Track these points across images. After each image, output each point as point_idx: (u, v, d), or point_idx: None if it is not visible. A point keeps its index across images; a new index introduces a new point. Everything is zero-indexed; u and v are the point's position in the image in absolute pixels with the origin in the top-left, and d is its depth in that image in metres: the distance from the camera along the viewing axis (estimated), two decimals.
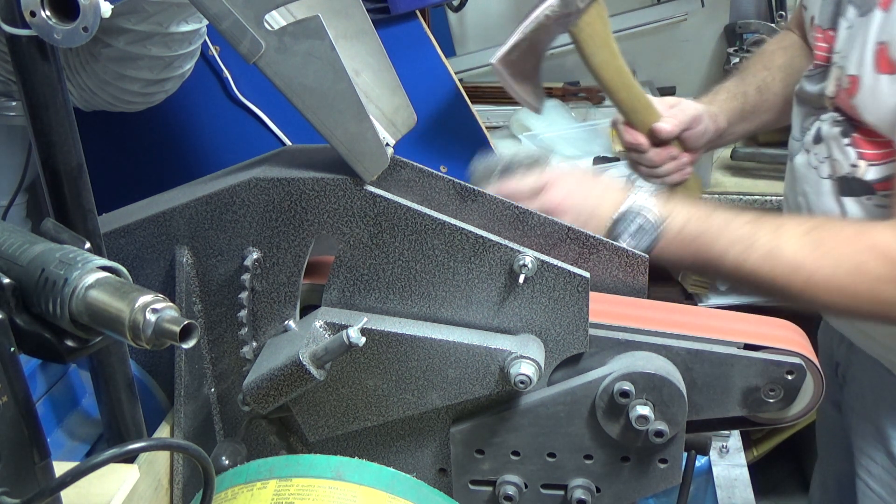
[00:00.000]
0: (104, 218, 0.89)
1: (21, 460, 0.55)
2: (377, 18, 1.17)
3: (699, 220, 0.97)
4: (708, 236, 0.96)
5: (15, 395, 0.54)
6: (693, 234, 0.97)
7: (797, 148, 1.16)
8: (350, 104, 0.79)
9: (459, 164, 1.36)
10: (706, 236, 0.96)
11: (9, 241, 0.57)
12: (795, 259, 0.94)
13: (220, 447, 0.90)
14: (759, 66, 1.35)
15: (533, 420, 0.87)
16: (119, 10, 0.90)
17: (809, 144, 1.12)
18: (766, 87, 1.31)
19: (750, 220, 0.97)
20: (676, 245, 0.97)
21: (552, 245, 0.96)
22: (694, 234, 0.97)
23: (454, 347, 0.84)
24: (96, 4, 0.66)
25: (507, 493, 0.88)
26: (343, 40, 0.86)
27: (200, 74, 1.27)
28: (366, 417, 0.88)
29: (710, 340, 0.88)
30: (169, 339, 0.52)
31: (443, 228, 0.83)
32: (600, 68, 1.21)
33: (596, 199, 1.00)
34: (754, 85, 1.32)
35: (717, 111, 1.29)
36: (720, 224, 0.97)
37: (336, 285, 0.86)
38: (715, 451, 1.70)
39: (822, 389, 0.89)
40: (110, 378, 0.81)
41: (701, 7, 2.19)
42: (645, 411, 0.83)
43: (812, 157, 1.12)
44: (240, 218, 0.85)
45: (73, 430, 0.89)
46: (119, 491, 0.74)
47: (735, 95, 1.32)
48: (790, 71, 1.29)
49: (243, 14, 0.75)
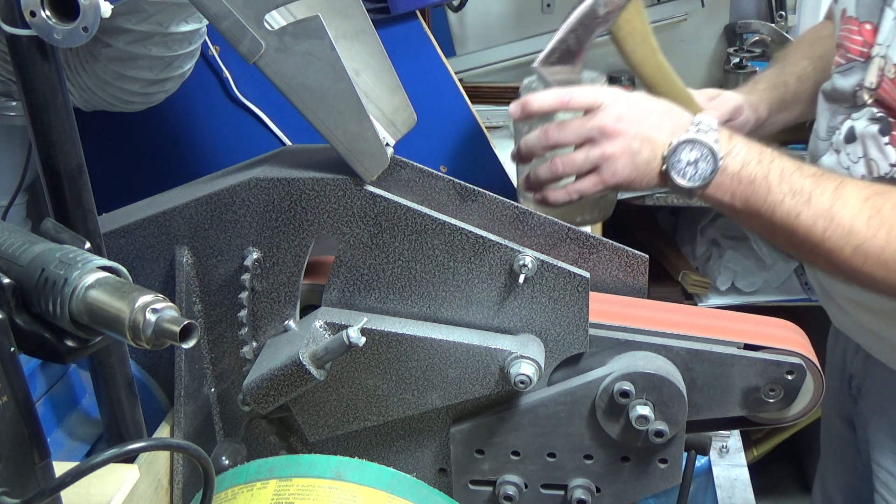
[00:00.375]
0: (104, 218, 0.89)
1: (21, 460, 0.55)
2: (377, 18, 1.17)
3: (760, 164, 0.92)
4: (766, 182, 0.91)
5: (15, 395, 0.54)
6: (750, 177, 0.92)
7: (824, 148, 1.12)
8: (350, 104, 0.79)
9: (459, 164, 1.36)
10: (764, 182, 0.91)
11: (9, 241, 0.57)
12: (851, 223, 0.89)
13: (220, 447, 0.90)
14: (799, 55, 1.31)
15: (533, 420, 0.87)
16: (119, 10, 0.90)
17: (840, 144, 1.08)
18: (807, 77, 1.27)
19: (812, 175, 0.92)
20: (731, 184, 0.92)
21: (552, 245, 0.97)
22: (751, 177, 0.92)
23: (454, 347, 0.84)
24: (96, 4, 0.66)
25: (507, 493, 0.88)
26: (343, 40, 0.86)
27: (200, 74, 1.27)
28: (366, 417, 0.88)
29: (710, 340, 0.88)
30: (169, 339, 0.52)
31: (443, 228, 0.83)
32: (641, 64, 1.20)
33: (653, 124, 0.94)
34: (794, 74, 1.28)
35: (757, 101, 1.26)
36: (781, 171, 0.91)
37: (336, 285, 0.86)
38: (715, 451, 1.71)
39: (822, 389, 0.89)
40: (110, 378, 0.81)
41: (701, 7, 2.18)
42: (645, 411, 0.83)
43: (844, 157, 1.07)
44: (240, 218, 0.85)
45: (73, 430, 0.89)
46: (119, 491, 0.74)
47: (775, 85, 1.29)
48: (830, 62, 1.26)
49: (243, 14, 0.75)
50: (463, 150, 1.38)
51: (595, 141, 0.94)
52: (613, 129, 0.93)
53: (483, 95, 2.11)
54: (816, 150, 1.14)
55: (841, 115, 1.09)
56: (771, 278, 2.13)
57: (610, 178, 0.94)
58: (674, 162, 0.92)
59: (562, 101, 0.96)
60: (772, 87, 1.29)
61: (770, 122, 1.29)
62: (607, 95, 0.96)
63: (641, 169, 0.94)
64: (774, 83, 1.29)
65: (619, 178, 0.94)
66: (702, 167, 0.92)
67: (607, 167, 0.94)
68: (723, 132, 0.93)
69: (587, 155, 0.94)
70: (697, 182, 0.92)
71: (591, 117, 0.94)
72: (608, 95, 0.96)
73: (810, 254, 0.93)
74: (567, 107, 0.96)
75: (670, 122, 0.94)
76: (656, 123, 0.94)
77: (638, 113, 0.95)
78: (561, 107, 0.97)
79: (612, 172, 0.94)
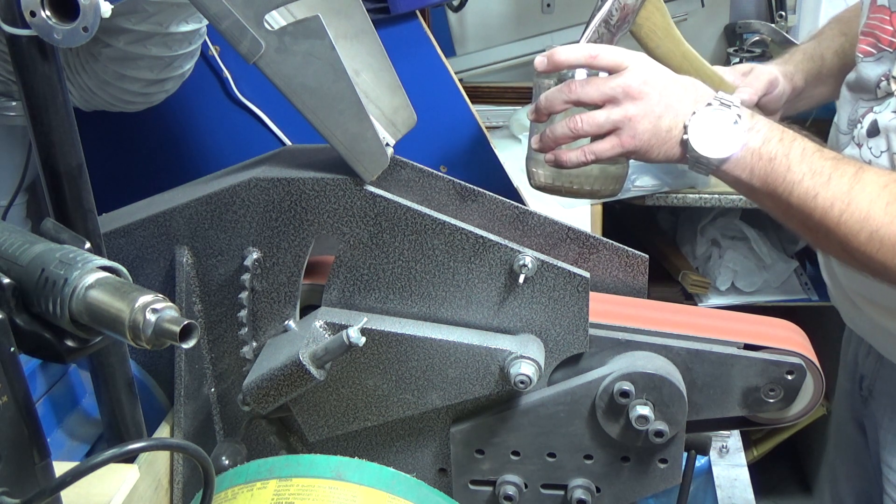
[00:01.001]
0: (104, 218, 0.89)
1: (21, 460, 0.55)
2: (377, 18, 1.17)
3: (781, 142, 0.91)
4: (786, 161, 0.90)
5: (15, 395, 0.54)
6: (770, 154, 0.90)
7: (845, 142, 1.10)
8: (350, 104, 0.79)
9: (459, 164, 1.36)
10: (785, 160, 0.90)
11: (9, 241, 0.57)
12: (867, 209, 0.87)
13: (220, 447, 0.90)
14: (836, 31, 1.29)
15: (533, 420, 0.87)
16: (119, 10, 0.90)
17: (862, 138, 1.05)
18: (844, 53, 1.24)
19: (833, 157, 0.90)
20: (750, 161, 0.91)
21: (552, 245, 0.97)
22: (772, 154, 0.90)
23: (454, 347, 0.84)
24: (96, 4, 0.66)
25: (507, 493, 0.88)
26: (343, 40, 0.87)
27: (200, 74, 1.27)
28: (366, 417, 0.88)
29: (710, 340, 0.88)
30: (169, 339, 0.52)
31: (443, 228, 0.83)
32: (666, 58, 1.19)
33: (678, 93, 0.93)
34: (832, 49, 1.26)
35: (793, 71, 1.24)
36: (802, 150, 0.90)
37: (336, 285, 0.86)
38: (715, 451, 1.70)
39: (822, 389, 0.89)
40: (110, 378, 0.81)
41: (701, 7, 2.18)
42: (645, 411, 0.83)
43: (866, 151, 1.05)
44: (240, 218, 0.85)
45: (73, 430, 0.89)
46: (119, 491, 0.74)
47: (812, 57, 1.26)
48: None
49: (243, 14, 0.75)
50: (463, 150, 1.38)
51: (618, 101, 0.92)
52: (639, 90, 0.92)
53: (483, 95, 2.11)
54: (837, 143, 1.12)
55: (863, 107, 1.07)
56: (771, 278, 2.12)
57: (629, 141, 0.93)
58: (696, 131, 0.91)
59: (589, 55, 0.94)
60: (808, 59, 1.26)
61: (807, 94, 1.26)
62: (635, 58, 0.94)
63: (662, 135, 0.92)
64: (811, 55, 1.27)
65: (639, 143, 0.93)
66: (723, 139, 0.90)
67: (628, 129, 0.92)
68: (745, 109, 0.92)
69: (609, 115, 0.93)
70: (718, 154, 0.90)
71: (618, 76, 0.93)
72: (635, 58, 0.94)
73: (825, 238, 0.92)
74: (593, 63, 0.94)
75: (694, 93, 0.93)
76: (680, 93, 0.93)
77: (663, 80, 0.93)
78: (588, 62, 0.95)
79: (632, 135, 0.92)
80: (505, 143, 1.89)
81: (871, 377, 1.23)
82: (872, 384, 1.22)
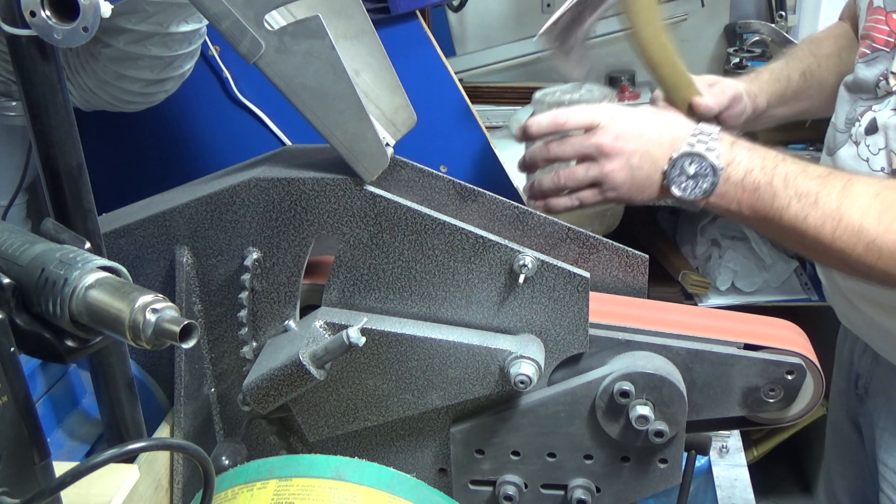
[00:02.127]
0: (104, 218, 0.89)
1: (21, 460, 0.55)
2: (377, 18, 1.17)
3: (763, 170, 0.92)
4: (771, 188, 0.91)
5: (15, 395, 0.54)
6: (755, 184, 0.92)
7: (842, 140, 1.11)
8: (350, 104, 0.79)
9: (459, 164, 1.36)
10: (769, 188, 0.91)
11: (9, 241, 0.57)
12: (860, 222, 0.88)
13: (220, 447, 0.90)
14: (807, 51, 1.31)
15: (533, 420, 0.87)
16: (119, 10, 0.90)
17: (860, 136, 1.06)
18: (811, 74, 1.27)
19: (818, 176, 0.91)
20: (735, 193, 0.92)
21: (552, 245, 0.97)
22: (756, 183, 0.92)
23: (454, 347, 0.84)
24: (96, 4, 0.66)
25: (507, 493, 0.88)
26: (343, 40, 0.86)
27: (200, 74, 1.27)
28: (366, 417, 0.88)
29: (710, 340, 0.88)
30: (169, 339, 0.52)
31: (443, 228, 0.83)
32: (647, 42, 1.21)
33: (653, 140, 0.95)
34: (799, 70, 1.29)
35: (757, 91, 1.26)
36: (785, 176, 0.91)
37: (336, 285, 0.86)
38: (715, 451, 1.70)
39: (822, 389, 0.89)
40: (110, 378, 0.81)
41: (701, 7, 2.19)
42: (645, 411, 0.83)
43: (863, 149, 1.06)
44: (240, 218, 0.85)
45: (73, 430, 0.89)
46: (119, 491, 0.74)
47: (778, 78, 1.29)
48: (837, 60, 1.25)
49: (243, 14, 0.75)
50: (463, 150, 1.38)
51: (594, 158, 0.95)
52: (611, 147, 0.94)
53: (483, 95, 2.11)
54: (834, 141, 1.14)
55: (862, 106, 1.08)
56: (771, 278, 2.12)
57: (610, 192, 0.96)
58: (674, 176, 0.93)
59: (557, 123, 0.98)
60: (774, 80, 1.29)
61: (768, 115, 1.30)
62: (606, 113, 0.97)
63: (642, 184, 0.95)
64: (777, 76, 1.29)
65: (620, 193, 0.96)
66: (702, 180, 0.92)
67: (607, 182, 0.95)
68: (724, 141, 0.94)
69: (587, 171, 0.96)
70: (699, 195, 0.93)
71: (591, 136, 0.96)
72: (606, 113, 0.97)
73: (823, 255, 0.93)
74: (563, 128, 0.97)
75: (671, 136, 0.95)
76: (656, 138, 0.95)
77: (637, 129, 0.96)
78: (557, 129, 0.98)
79: (612, 188, 0.96)
80: (505, 143, 1.89)
81: (866, 376, 1.23)
82: (868, 383, 1.23)
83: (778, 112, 1.30)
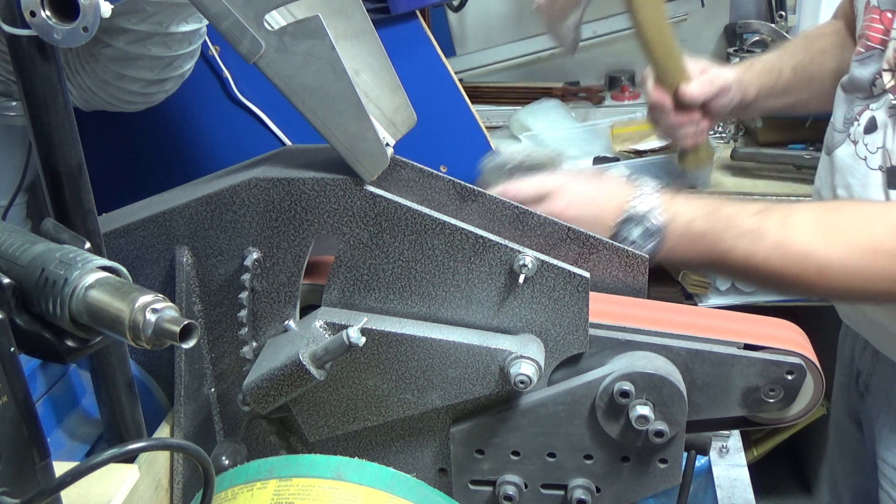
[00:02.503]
0: (104, 218, 0.89)
1: (21, 460, 0.55)
2: (377, 18, 1.17)
3: (705, 218, 0.96)
4: (714, 233, 0.94)
5: (15, 395, 0.54)
6: (700, 232, 0.95)
7: (840, 139, 1.12)
8: (350, 104, 0.79)
9: (459, 164, 1.36)
10: (713, 233, 0.95)
11: (9, 241, 0.57)
12: (806, 247, 0.90)
13: (220, 447, 0.90)
14: (800, 46, 1.33)
15: (533, 420, 0.87)
16: (119, 10, 0.90)
17: (859, 134, 1.08)
18: (802, 69, 1.29)
19: (757, 212, 0.94)
20: (684, 244, 0.96)
21: (552, 245, 0.96)
22: (700, 231, 0.95)
23: (454, 347, 0.84)
24: (96, 4, 0.66)
25: (507, 493, 0.88)
26: (343, 40, 0.86)
27: (200, 74, 1.27)
28: (366, 417, 0.88)
29: (710, 340, 0.88)
30: (169, 339, 0.52)
31: (443, 228, 0.83)
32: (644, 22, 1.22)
33: (598, 207, 1.00)
34: (790, 64, 1.31)
35: (748, 82, 1.28)
36: (726, 219, 0.95)
37: (336, 285, 0.86)
38: (715, 451, 1.70)
39: (822, 389, 0.89)
40: (110, 378, 0.81)
41: (701, 7, 2.19)
42: (645, 411, 0.83)
43: (861, 148, 1.07)
44: (240, 218, 0.85)
45: (73, 430, 0.89)
46: (119, 491, 0.74)
47: (770, 70, 1.31)
48: (828, 57, 1.27)
49: (243, 14, 0.75)
50: (463, 150, 1.38)
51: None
52: (561, 215, 0.98)
53: (483, 95, 2.12)
54: (832, 141, 1.14)
55: (859, 105, 1.09)
56: None
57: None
58: (621, 240, 0.97)
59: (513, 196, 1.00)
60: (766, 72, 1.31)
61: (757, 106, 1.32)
62: (555, 183, 1.01)
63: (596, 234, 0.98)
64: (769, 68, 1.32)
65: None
66: (648, 240, 0.96)
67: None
68: (664, 198, 0.98)
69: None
70: (652, 251, 0.96)
71: (541, 205, 1.00)
72: (556, 183, 1.01)
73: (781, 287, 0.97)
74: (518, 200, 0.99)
75: (615, 203, 0.99)
76: (601, 205, 1.00)
77: (583, 198, 1.00)
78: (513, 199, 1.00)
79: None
80: (505, 144, 1.89)
81: (867, 373, 1.23)
82: (868, 380, 1.23)
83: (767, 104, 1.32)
